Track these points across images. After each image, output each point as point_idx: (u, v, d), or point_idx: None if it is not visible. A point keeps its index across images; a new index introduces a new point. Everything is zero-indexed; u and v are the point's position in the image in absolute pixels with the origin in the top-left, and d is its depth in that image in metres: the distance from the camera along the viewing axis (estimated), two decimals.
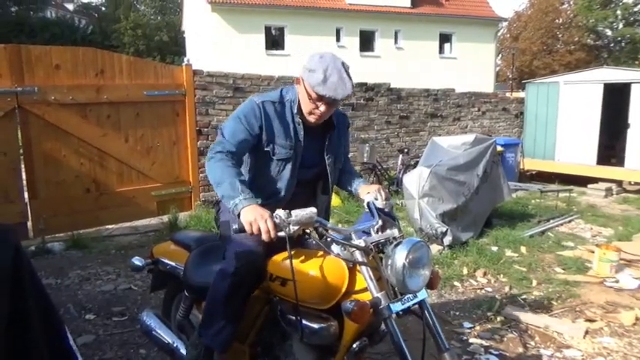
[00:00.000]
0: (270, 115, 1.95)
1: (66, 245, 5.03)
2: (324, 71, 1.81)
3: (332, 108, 1.93)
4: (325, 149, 2.06)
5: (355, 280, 1.71)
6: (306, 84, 1.87)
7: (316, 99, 1.87)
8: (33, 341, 1.16)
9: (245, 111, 1.95)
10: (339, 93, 1.83)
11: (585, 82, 9.30)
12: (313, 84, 1.83)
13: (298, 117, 1.98)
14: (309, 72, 1.85)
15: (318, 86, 1.82)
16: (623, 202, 7.99)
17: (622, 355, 3.03)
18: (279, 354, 1.94)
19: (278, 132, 1.96)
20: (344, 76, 1.84)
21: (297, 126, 1.99)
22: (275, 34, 19.08)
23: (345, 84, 1.84)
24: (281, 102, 1.99)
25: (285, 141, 1.97)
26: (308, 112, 1.94)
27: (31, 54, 5.07)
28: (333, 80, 1.81)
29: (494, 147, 5.86)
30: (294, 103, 1.99)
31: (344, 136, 2.20)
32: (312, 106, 1.90)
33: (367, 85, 8.55)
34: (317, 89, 1.83)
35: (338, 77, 1.82)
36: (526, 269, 4.51)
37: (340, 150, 2.17)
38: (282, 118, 1.97)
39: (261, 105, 1.95)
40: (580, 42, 34.35)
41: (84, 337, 3.16)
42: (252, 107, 1.95)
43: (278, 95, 2.01)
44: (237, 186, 1.75)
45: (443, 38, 21.37)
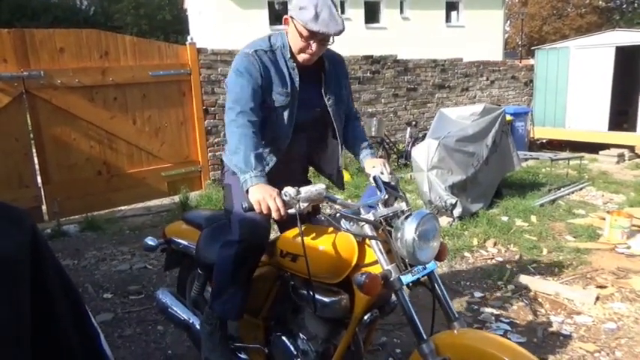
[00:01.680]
0: (266, 64, 1.92)
1: (81, 227, 5.12)
2: (314, 7, 1.78)
3: (323, 46, 1.90)
4: (323, 90, 2.02)
5: (365, 254, 1.73)
6: (297, 22, 1.83)
7: (308, 37, 1.84)
8: (58, 323, 1.19)
9: (244, 64, 1.90)
10: (331, 28, 1.81)
11: (597, 46, 9.08)
12: (305, 20, 1.79)
13: (292, 61, 1.95)
14: (300, 10, 1.81)
15: (311, 22, 1.79)
16: (636, 168, 7.90)
17: (633, 319, 3.05)
18: (292, 327, 1.98)
19: (275, 80, 1.93)
20: (334, 11, 1.82)
21: (292, 71, 1.96)
22: (278, 8, 18.78)
23: (336, 19, 1.81)
24: (271, 50, 1.95)
25: (282, 88, 1.94)
26: (299, 51, 1.90)
27: (35, 38, 5.07)
28: (325, 16, 1.79)
29: (503, 116, 5.79)
30: (284, 49, 1.95)
31: (342, 75, 2.14)
32: (303, 44, 1.87)
33: (373, 58, 8.44)
34: (309, 26, 1.79)
35: (329, 13, 1.80)
36: (536, 238, 4.51)
37: (342, 92, 2.12)
38: (277, 66, 1.94)
39: (255, 55, 1.91)
40: (591, 4, 33.38)
41: (103, 315, 3.25)
42: (248, 59, 1.91)
43: (267, 43, 1.96)
44: (251, 161, 1.75)
45: (449, 6, 20.87)
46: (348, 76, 2.22)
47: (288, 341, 1.94)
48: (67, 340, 1.18)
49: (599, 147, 8.80)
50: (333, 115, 2.06)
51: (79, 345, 1.22)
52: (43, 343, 1.13)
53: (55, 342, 1.17)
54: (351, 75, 8.10)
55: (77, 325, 1.24)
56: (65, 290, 1.23)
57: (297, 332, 1.94)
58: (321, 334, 1.86)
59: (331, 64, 2.07)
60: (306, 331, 1.91)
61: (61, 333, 1.18)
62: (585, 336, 2.89)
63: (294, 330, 1.96)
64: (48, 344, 1.15)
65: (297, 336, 1.93)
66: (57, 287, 1.18)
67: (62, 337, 1.18)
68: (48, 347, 1.16)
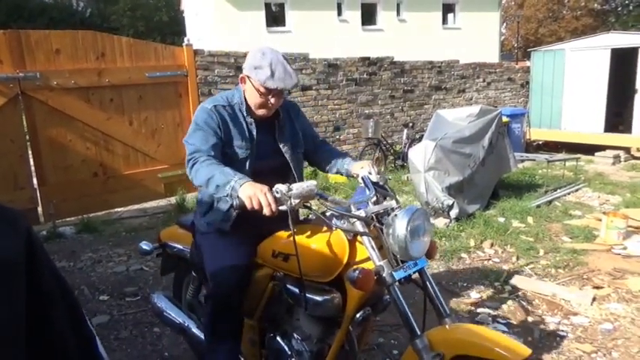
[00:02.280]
0: (225, 118, 2.00)
1: (77, 229, 5.10)
2: (269, 66, 1.90)
3: (281, 98, 2.00)
4: (278, 139, 2.10)
5: (356, 252, 1.74)
6: (254, 81, 1.94)
7: (266, 93, 1.94)
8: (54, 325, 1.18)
9: (203, 118, 1.97)
10: (287, 83, 1.93)
11: (592, 48, 9.12)
12: (262, 80, 1.90)
13: (249, 117, 2.05)
14: (255, 69, 1.92)
15: (268, 80, 1.90)
16: (631, 169, 7.93)
17: (629, 320, 3.06)
18: (286, 327, 1.99)
19: (234, 134, 2.01)
20: (287, 67, 1.94)
21: (250, 125, 2.05)
22: (275, 10, 18.78)
23: (290, 74, 1.94)
24: (230, 105, 2.04)
25: (242, 142, 2.02)
26: (259, 107, 2.00)
27: (31, 39, 5.05)
28: (280, 73, 1.91)
29: (499, 118, 5.81)
30: (242, 105, 2.05)
31: (297, 120, 2.22)
32: (262, 100, 1.97)
33: (370, 60, 8.45)
34: (267, 84, 1.90)
35: (283, 69, 1.92)
36: (533, 239, 4.52)
37: (297, 137, 2.19)
38: (236, 121, 2.03)
39: (214, 109, 1.99)
40: (586, 7, 33.53)
41: (99, 317, 3.24)
42: (207, 114, 1.98)
43: (225, 99, 2.06)
44: (229, 171, 1.76)
45: (446, 8, 20.91)
46: (301, 115, 2.30)
47: (282, 342, 1.95)
48: (63, 342, 1.18)
49: (594, 148, 8.83)
50: (291, 160, 2.12)
51: (75, 347, 1.21)
52: (38, 345, 1.12)
53: (50, 344, 1.16)
54: (348, 77, 8.12)
55: (73, 327, 1.23)
56: (61, 292, 1.23)
57: (292, 332, 1.94)
58: (315, 334, 1.87)
59: (284, 112, 2.15)
60: (300, 331, 1.91)
61: (57, 335, 1.18)
62: (582, 337, 2.89)
63: (289, 330, 1.97)
64: (43, 346, 1.14)
65: (291, 336, 1.94)
66: (52, 289, 1.17)
67: (57, 339, 1.17)
68: (43, 349, 1.15)
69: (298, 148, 2.19)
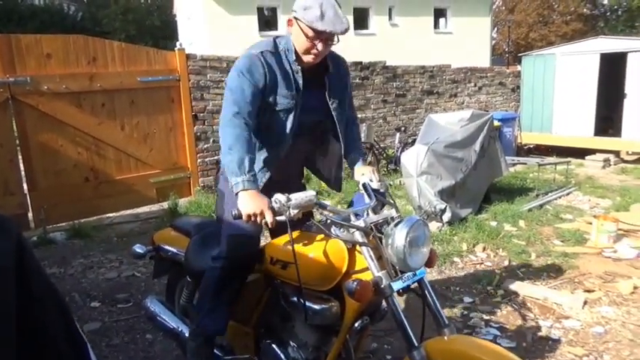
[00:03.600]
0: (271, 65, 1.91)
1: (68, 235, 5.06)
2: (319, 6, 1.79)
3: (329, 46, 1.91)
4: (327, 93, 2.01)
5: (355, 261, 1.73)
6: (302, 22, 1.83)
7: (313, 37, 1.84)
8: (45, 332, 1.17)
9: (247, 65, 1.88)
10: (337, 27, 1.81)
11: (582, 52, 9.23)
12: (311, 20, 1.80)
13: (296, 64, 1.94)
14: (304, 10, 1.82)
15: (317, 22, 1.79)
16: (621, 173, 8.01)
17: (620, 323, 3.08)
18: (282, 335, 1.97)
19: (280, 82, 1.92)
20: (339, 11, 1.83)
21: (296, 74, 1.94)
22: (267, 14, 18.79)
23: (341, 18, 1.82)
24: (277, 52, 1.94)
25: (287, 91, 1.93)
26: (305, 52, 1.89)
27: (22, 43, 5.01)
28: (330, 15, 1.79)
29: (491, 122, 5.85)
30: (289, 52, 1.94)
31: (345, 77, 2.14)
32: (309, 44, 1.86)
33: (362, 64, 8.48)
34: (315, 25, 1.79)
35: (334, 12, 1.81)
36: (525, 243, 4.55)
37: (345, 95, 2.11)
38: (282, 68, 1.93)
39: (261, 56, 1.89)
40: (576, 12, 33.88)
41: (90, 324, 3.21)
42: (253, 60, 1.89)
43: (272, 45, 1.95)
44: (245, 164, 1.74)
45: (438, 13, 21.04)
46: (349, 76, 2.21)
47: (278, 349, 1.93)
48: (55, 348, 1.17)
49: (585, 152, 8.92)
50: (337, 118, 2.05)
51: (66, 355, 1.20)
52: (28, 352, 1.11)
53: (41, 351, 1.15)
54: None
55: (63, 334, 1.22)
56: (51, 299, 1.21)
57: (288, 340, 1.93)
58: (311, 342, 1.85)
59: (334, 66, 2.06)
60: (296, 338, 1.90)
61: (47, 342, 1.16)
62: (574, 340, 2.91)
63: (285, 338, 1.95)
64: (33, 353, 1.13)
65: (287, 344, 1.92)
66: (43, 295, 1.16)
67: (48, 346, 1.16)
68: (35, 356, 1.14)
69: (344, 106, 2.12)
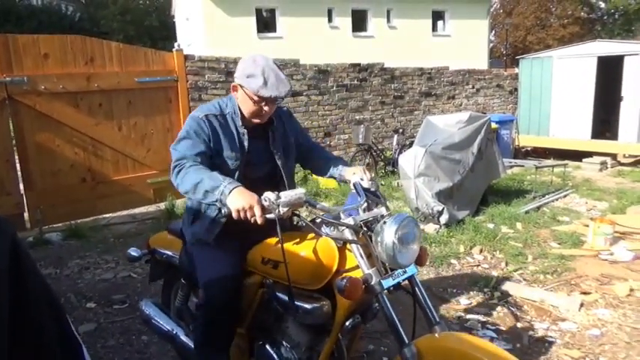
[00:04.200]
0: (216, 128, 1.96)
1: (64, 235, 5.04)
2: (262, 74, 1.87)
3: (274, 105, 1.98)
4: (272, 147, 2.08)
5: (345, 259, 1.73)
6: (247, 90, 1.90)
7: (259, 101, 1.91)
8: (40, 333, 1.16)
9: (193, 127, 1.93)
10: (281, 91, 1.89)
11: (579, 55, 9.26)
12: (255, 88, 1.87)
13: (242, 127, 2.01)
14: (248, 78, 1.89)
15: (261, 89, 1.86)
16: (618, 175, 8.03)
17: (616, 325, 3.08)
18: (275, 335, 1.98)
19: (224, 144, 1.97)
20: (280, 74, 1.91)
21: (242, 136, 2.01)
22: (266, 16, 18.80)
23: (283, 81, 1.91)
24: (222, 114, 2.00)
25: (232, 152, 1.98)
26: (253, 116, 1.97)
27: (19, 43, 5.00)
28: (272, 81, 1.87)
29: (488, 124, 5.86)
30: (235, 115, 2.01)
31: (289, 126, 2.20)
32: (256, 108, 1.94)
33: (360, 66, 8.49)
34: (261, 92, 1.87)
35: (275, 76, 1.89)
36: (522, 245, 4.55)
37: (289, 142, 2.17)
38: (227, 130, 1.99)
39: (205, 119, 1.95)
40: (573, 15, 34.01)
41: (85, 325, 3.19)
42: (197, 123, 1.94)
43: (218, 108, 2.02)
44: (217, 176, 1.73)
45: (436, 16, 21.09)
46: (294, 119, 2.27)
47: (271, 350, 1.93)
48: (48, 350, 1.16)
49: (582, 155, 8.94)
50: (282, 167, 2.09)
51: (60, 356, 1.20)
52: (22, 353, 1.10)
53: (36, 352, 1.14)
54: (338, 83, 8.15)
55: (58, 335, 1.22)
56: (46, 300, 1.21)
57: (281, 340, 1.93)
58: (304, 342, 1.86)
59: (277, 118, 2.12)
60: (289, 339, 1.90)
61: (42, 343, 1.16)
62: (570, 342, 2.91)
63: (278, 338, 1.95)
64: (27, 355, 1.12)
65: (280, 344, 1.93)
66: (37, 296, 1.15)
67: (43, 347, 1.16)
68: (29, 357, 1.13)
69: (290, 154, 2.17)
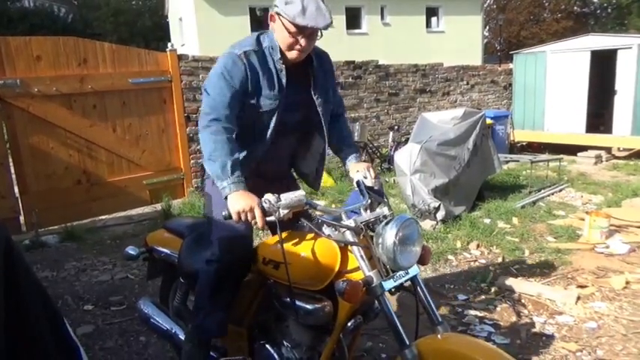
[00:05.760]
0: (254, 66, 1.85)
1: (60, 238, 5.02)
2: (301, 1, 1.74)
3: (312, 41, 1.86)
4: (312, 90, 1.97)
5: (347, 260, 1.72)
6: (284, 18, 1.77)
7: (296, 33, 1.79)
8: (34, 336, 1.16)
9: (229, 66, 1.83)
10: (319, 22, 1.76)
11: (572, 50, 9.28)
12: (292, 15, 1.74)
13: (280, 62, 1.89)
14: (286, 4, 1.77)
15: (298, 17, 1.74)
16: (613, 169, 8.07)
17: (613, 318, 3.10)
18: (276, 335, 1.97)
19: (263, 83, 1.87)
20: (321, 4, 1.78)
21: (280, 73, 1.89)
22: (260, 14, 18.77)
23: (323, 13, 1.77)
24: (260, 50, 1.88)
25: (270, 91, 1.88)
26: (288, 48, 1.84)
27: (11, 45, 4.97)
28: (312, 10, 1.74)
29: (483, 120, 5.87)
30: (273, 49, 1.88)
31: (329, 72, 2.09)
32: (291, 40, 1.81)
33: (355, 64, 8.48)
34: (297, 20, 1.74)
35: (316, 6, 1.76)
36: (518, 240, 4.57)
37: (329, 89, 2.06)
38: (265, 67, 1.88)
39: (243, 56, 1.84)
40: (567, 10, 34.11)
41: (83, 327, 3.18)
42: (234, 60, 1.83)
43: (255, 43, 1.89)
44: (228, 168, 1.72)
45: (429, 12, 21.13)
46: (334, 70, 2.16)
47: (272, 350, 1.92)
48: (43, 353, 1.15)
49: (577, 149, 8.97)
50: (322, 114, 2.00)
51: (57, 358, 1.19)
52: (17, 356, 1.10)
53: (31, 355, 1.14)
54: None
55: (54, 337, 1.21)
56: (41, 303, 1.20)
57: (281, 340, 1.92)
58: (305, 342, 1.85)
59: (318, 61, 2.02)
60: (290, 338, 1.89)
61: (37, 346, 1.15)
62: (567, 336, 2.92)
63: (278, 338, 1.94)
64: (23, 357, 1.12)
65: (281, 344, 1.92)
66: (32, 300, 1.15)
67: (38, 350, 1.15)
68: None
69: (329, 102, 2.06)
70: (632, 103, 8.70)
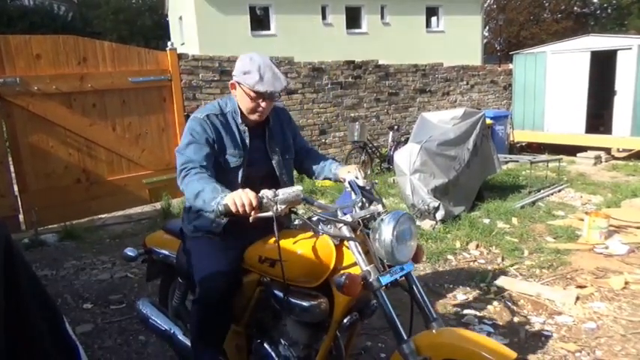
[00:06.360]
0: (218, 128, 2.00)
1: (59, 236, 5.02)
2: (258, 70, 1.91)
3: (272, 102, 2.02)
4: (268, 146, 2.11)
5: (343, 257, 1.74)
6: (244, 86, 1.95)
7: (256, 97, 1.96)
8: (33, 335, 1.16)
9: (195, 129, 1.97)
10: (277, 86, 1.94)
11: (572, 50, 9.29)
12: (252, 84, 1.91)
13: (243, 125, 2.05)
14: (244, 74, 1.94)
15: (257, 85, 1.91)
16: (612, 169, 8.07)
17: (612, 318, 3.10)
18: (273, 333, 1.98)
19: (227, 142, 2.01)
20: (276, 70, 1.95)
21: (244, 134, 2.06)
22: (260, 14, 18.75)
23: (279, 77, 1.95)
24: (222, 114, 2.05)
25: (235, 150, 2.02)
26: (250, 112, 2.01)
27: (10, 44, 4.97)
28: (269, 77, 1.92)
29: (483, 120, 5.87)
30: (235, 113, 2.06)
31: (288, 127, 2.24)
32: (253, 105, 1.98)
33: (355, 63, 8.49)
34: (256, 88, 1.91)
35: (272, 73, 1.93)
36: (518, 240, 4.57)
37: (287, 142, 2.20)
38: (228, 129, 2.03)
39: (207, 119, 1.99)
40: (567, 10, 34.12)
41: (82, 326, 3.18)
42: (199, 124, 1.98)
43: (217, 108, 2.06)
44: (218, 188, 1.75)
45: (429, 12, 21.11)
46: (292, 121, 2.32)
47: (269, 348, 1.94)
48: (41, 351, 1.16)
49: (576, 149, 8.98)
50: (277, 166, 2.13)
51: (56, 357, 1.19)
52: (16, 354, 1.10)
53: (30, 354, 1.14)
54: (333, 80, 8.14)
55: (53, 336, 1.21)
56: (40, 301, 1.20)
57: (279, 338, 1.93)
58: (302, 340, 1.86)
59: (275, 116, 2.17)
60: (287, 336, 1.90)
61: (37, 345, 1.15)
62: (566, 336, 2.93)
63: (276, 336, 1.96)
64: (22, 356, 1.12)
65: (278, 342, 1.93)
66: (31, 298, 1.15)
67: (36, 348, 1.15)
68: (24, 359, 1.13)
69: (288, 154, 2.20)
70: (631, 103, 8.70)
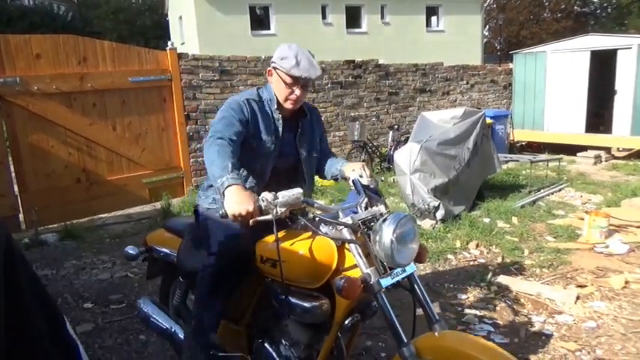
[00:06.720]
0: (255, 111, 2.07)
1: (60, 236, 5.02)
2: (295, 56, 1.99)
3: (306, 91, 2.08)
4: (297, 140, 2.17)
5: (344, 258, 1.73)
6: (280, 71, 2.02)
7: (291, 83, 2.02)
8: (33, 335, 1.16)
9: (233, 107, 2.03)
10: (312, 73, 2.01)
11: (572, 50, 9.28)
12: (288, 68, 1.98)
13: (277, 112, 2.11)
14: (281, 59, 2.01)
15: (293, 69, 1.97)
16: (612, 169, 8.07)
17: (612, 317, 3.10)
18: (274, 334, 1.97)
19: (262, 127, 2.07)
20: (312, 59, 2.04)
21: (277, 121, 2.12)
22: (260, 13, 18.74)
23: (315, 66, 2.03)
24: (260, 100, 2.12)
25: (268, 136, 2.08)
26: (285, 99, 2.07)
27: (10, 44, 4.97)
28: (305, 63, 1.99)
29: (483, 119, 5.87)
30: (271, 101, 2.12)
31: (317, 126, 2.31)
32: (288, 91, 2.04)
33: (355, 63, 8.49)
34: (292, 72, 1.98)
35: (308, 61, 2.01)
36: (518, 239, 4.57)
37: (316, 141, 2.28)
38: (264, 115, 2.10)
39: (246, 102, 2.06)
40: (567, 9, 34.11)
41: (83, 325, 3.18)
42: (238, 104, 2.04)
43: (256, 94, 2.13)
44: (229, 167, 1.76)
45: (429, 11, 21.10)
46: (321, 122, 2.39)
47: (270, 348, 1.93)
48: (41, 350, 1.16)
49: (576, 149, 8.97)
50: (304, 162, 2.20)
51: (56, 357, 1.19)
52: (16, 353, 1.10)
53: (30, 353, 1.14)
54: (333, 80, 8.15)
55: (53, 335, 1.21)
56: (40, 301, 1.20)
57: (280, 339, 1.93)
58: (303, 340, 1.85)
59: (309, 113, 2.25)
60: (288, 337, 1.90)
61: (38, 344, 1.15)
62: (566, 335, 2.93)
63: (277, 336, 1.95)
64: (22, 355, 1.12)
65: (279, 342, 1.92)
66: (31, 297, 1.15)
67: (39, 348, 1.15)
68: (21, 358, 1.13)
69: (315, 152, 2.27)
70: (631, 103, 8.70)
